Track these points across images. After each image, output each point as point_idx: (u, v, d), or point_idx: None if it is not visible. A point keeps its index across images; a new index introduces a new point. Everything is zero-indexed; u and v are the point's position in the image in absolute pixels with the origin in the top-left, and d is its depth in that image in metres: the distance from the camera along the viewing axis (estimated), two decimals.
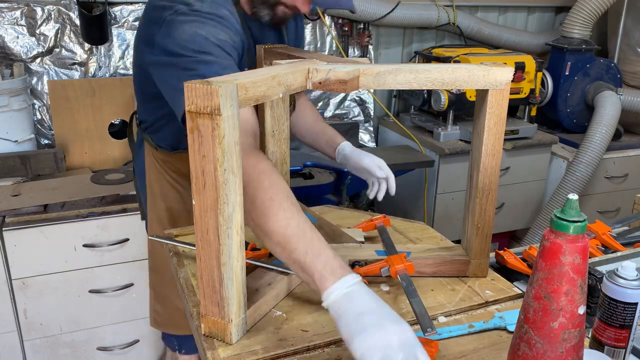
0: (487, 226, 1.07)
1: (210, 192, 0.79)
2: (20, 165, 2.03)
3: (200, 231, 0.83)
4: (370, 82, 0.97)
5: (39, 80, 2.30)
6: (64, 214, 1.86)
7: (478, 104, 1.03)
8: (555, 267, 0.70)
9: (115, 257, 1.96)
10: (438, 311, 1.00)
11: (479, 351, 0.90)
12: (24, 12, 2.20)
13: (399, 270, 1.01)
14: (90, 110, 2.23)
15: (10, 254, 1.81)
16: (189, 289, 1.05)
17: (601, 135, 2.64)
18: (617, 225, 1.40)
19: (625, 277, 0.82)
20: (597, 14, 2.80)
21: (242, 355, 0.87)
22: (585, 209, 2.78)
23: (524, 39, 3.04)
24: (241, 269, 0.86)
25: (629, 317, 0.82)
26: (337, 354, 0.89)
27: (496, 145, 1.02)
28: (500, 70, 0.97)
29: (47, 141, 2.36)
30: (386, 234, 1.20)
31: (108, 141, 2.30)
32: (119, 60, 2.40)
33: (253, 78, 0.82)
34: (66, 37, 2.29)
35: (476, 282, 1.09)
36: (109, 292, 1.97)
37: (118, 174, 2.14)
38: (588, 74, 2.87)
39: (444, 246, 1.18)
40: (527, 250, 1.17)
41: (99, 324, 2.01)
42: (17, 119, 2.07)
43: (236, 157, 0.80)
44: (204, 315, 0.89)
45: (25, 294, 1.87)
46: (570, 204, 0.70)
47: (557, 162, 2.84)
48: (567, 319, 0.71)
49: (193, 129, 0.77)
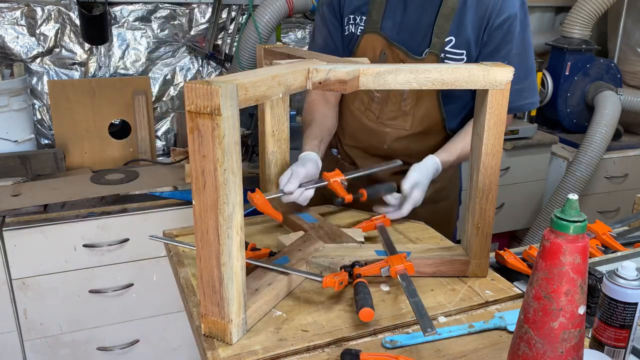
0: (487, 226, 1.07)
1: (210, 192, 0.79)
2: (20, 165, 2.03)
3: (200, 231, 0.83)
4: (370, 82, 0.97)
5: (39, 80, 2.30)
6: (64, 214, 1.86)
7: (478, 104, 1.03)
8: (555, 267, 0.70)
9: (115, 257, 1.96)
10: (438, 311, 1.00)
11: (479, 351, 0.90)
12: (24, 12, 2.20)
13: (399, 270, 1.01)
14: (90, 110, 2.23)
15: (10, 254, 1.81)
16: (189, 289, 1.05)
17: (601, 135, 2.64)
18: (617, 225, 1.40)
19: (625, 277, 0.82)
20: (597, 14, 2.79)
21: (242, 355, 0.87)
22: (585, 209, 2.77)
23: None
24: (241, 269, 0.86)
25: (629, 317, 0.82)
26: (337, 354, 0.89)
27: (496, 145, 1.02)
28: (500, 70, 0.97)
29: (47, 141, 2.36)
30: (386, 234, 1.20)
31: (108, 141, 2.30)
32: (119, 60, 2.40)
33: (253, 78, 0.82)
34: (66, 37, 2.29)
35: (476, 282, 1.09)
36: (109, 292, 1.97)
37: (118, 174, 2.14)
38: (588, 74, 2.87)
39: (444, 246, 1.18)
40: (527, 250, 1.17)
41: (99, 324, 2.01)
42: (17, 119, 2.07)
43: (236, 157, 0.80)
44: (204, 315, 0.89)
45: (25, 294, 1.87)
46: (570, 204, 0.70)
47: (557, 162, 2.85)
48: (567, 319, 0.71)
49: (193, 129, 0.77)
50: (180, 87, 2.53)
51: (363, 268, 1.03)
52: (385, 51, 1.39)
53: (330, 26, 1.47)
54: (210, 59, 2.52)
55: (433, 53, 1.35)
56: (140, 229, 1.94)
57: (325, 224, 1.26)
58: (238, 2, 2.47)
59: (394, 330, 0.96)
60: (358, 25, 1.42)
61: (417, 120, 1.44)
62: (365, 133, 1.51)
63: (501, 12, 1.32)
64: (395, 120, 1.45)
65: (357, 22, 1.42)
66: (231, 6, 2.48)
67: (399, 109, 1.43)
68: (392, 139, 1.47)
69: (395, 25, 1.38)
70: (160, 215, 1.96)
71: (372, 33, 1.40)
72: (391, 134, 1.47)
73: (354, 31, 1.43)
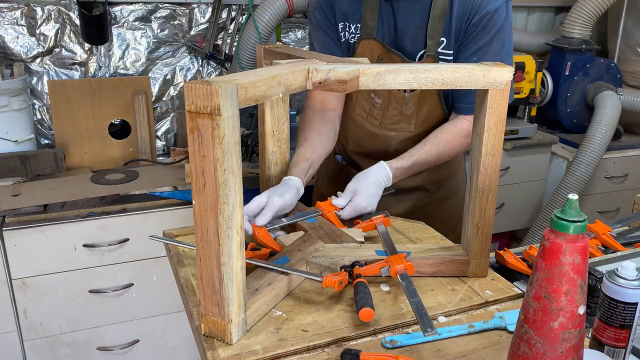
0: (487, 226, 1.07)
1: (210, 192, 0.79)
2: (20, 165, 2.03)
3: (200, 231, 0.83)
4: (370, 82, 0.97)
5: (39, 80, 2.30)
6: (64, 214, 1.86)
7: (478, 104, 1.03)
8: (555, 267, 0.70)
9: (115, 257, 1.96)
10: (438, 311, 1.00)
11: (479, 351, 0.90)
12: (24, 12, 2.20)
13: (399, 270, 1.01)
14: (90, 110, 2.24)
15: (10, 254, 1.81)
16: (189, 289, 1.05)
17: (601, 135, 2.64)
18: (617, 225, 1.40)
19: (625, 277, 0.82)
20: (597, 14, 2.79)
21: (242, 355, 0.87)
22: (585, 209, 2.77)
23: (524, 39, 3.04)
24: (241, 269, 0.86)
25: (629, 317, 0.82)
26: (337, 354, 0.89)
27: (496, 145, 1.02)
28: (500, 70, 0.97)
29: (47, 141, 2.36)
30: (386, 234, 1.20)
31: (108, 141, 2.30)
32: (119, 60, 2.40)
33: (253, 78, 0.82)
34: (66, 37, 2.29)
35: (476, 282, 1.09)
36: (109, 292, 1.97)
37: (118, 174, 2.14)
38: (588, 74, 2.87)
39: (444, 246, 1.18)
40: (527, 250, 1.17)
41: (99, 324, 2.01)
42: (17, 119, 2.07)
43: (236, 157, 0.80)
44: (204, 315, 0.89)
45: (25, 294, 1.87)
46: (570, 204, 0.70)
47: (557, 162, 2.84)
48: (567, 319, 0.71)
49: (193, 129, 0.77)
50: (180, 87, 2.53)
51: (363, 268, 1.03)
52: (383, 57, 1.39)
53: (326, 30, 1.45)
54: (210, 59, 2.52)
55: (430, 55, 1.35)
56: (140, 229, 1.94)
57: (326, 224, 1.25)
58: (238, 2, 2.47)
59: (394, 330, 0.96)
60: (351, 33, 1.42)
61: (420, 121, 1.44)
62: (369, 138, 1.50)
63: (480, 8, 1.31)
64: (399, 124, 1.45)
65: (350, 30, 1.42)
66: (231, 6, 2.48)
67: (401, 114, 1.43)
68: (397, 142, 1.47)
69: (390, 30, 1.38)
70: (160, 215, 1.96)
71: (368, 39, 1.40)
72: (396, 137, 1.46)
73: (348, 38, 1.43)
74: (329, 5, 1.43)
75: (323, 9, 1.43)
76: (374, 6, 1.37)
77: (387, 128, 1.46)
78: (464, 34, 1.33)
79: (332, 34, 1.45)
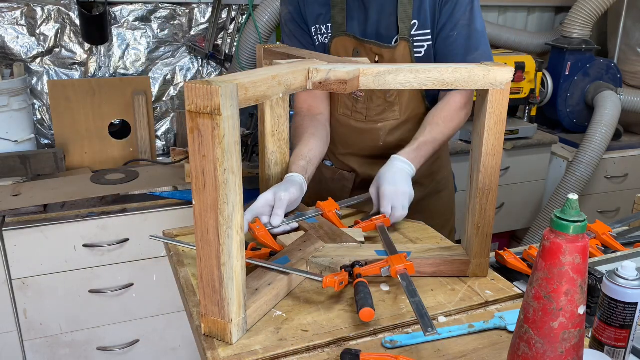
0: (487, 226, 1.07)
1: (210, 192, 0.79)
2: (20, 165, 2.03)
3: (200, 231, 0.83)
4: (370, 82, 0.97)
5: (39, 80, 2.30)
6: (64, 214, 1.86)
7: (478, 104, 1.03)
8: (555, 267, 0.70)
9: (115, 257, 1.96)
10: (438, 311, 1.00)
11: (479, 351, 0.90)
12: (24, 12, 2.20)
13: (399, 270, 1.01)
14: (90, 110, 2.24)
15: (10, 254, 1.81)
16: (189, 289, 1.05)
17: (601, 135, 2.64)
18: (617, 225, 1.40)
19: (625, 277, 0.82)
20: (597, 14, 2.80)
21: (242, 355, 0.87)
22: (585, 209, 2.77)
23: (524, 39, 3.04)
24: (241, 269, 0.86)
25: (629, 317, 0.82)
26: (337, 353, 0.89)
27: (496, 145, 1.02)
28: (500, 70, 0.97)
29: (47, 141, 2.36)
30: (386, 234, 1.20)
31: (108, 141, 2.30)
32: (119, 60, 2.40)
33: (253, 78, 0.82)
34: (66, 37, 2.29)
35: (476, 282, 1.09)
36: (109, 292, 1.97)
37: (118, 174, 2.14)
38: (588, 74, 2.87)
39: (444, 246, 1.18)
40: (527, 250, 1.17)
41: (99, 324, 2.01)
42: (17, 119, 2.07)
43: (236, 157, 0.80)
44: (204, 315, 0.89)
45: (25, 294, 1.87)
46: (570, 204, 0.70)
47: (557, 162, 2.85)
48: (567, 319, 0.71)
49: (193, 129, 0.77)
50: (180, 87, 2.53)
51: (363, 268, 1.03)
52: (358, 49, 1.42)
53: (301, 39, 1.47)
54: (210, 59, 2.52)
55: (403, 39, 1.37)
56: (140, 229, 1.94)
57: (326, 224, 1.25)
58: (238, 2, 2.47)
59: (394, 330, 0.96)
60: (324, 34, 1.45)
61: (404, 107, 1.46)
62: (357, 135, 1.51)
63: None
64: (384, 113, 1.46)
65: (323, 31, 1.44)
66: (231, 6, 2.48)
67: (385, 101, 1.45)
68: (385, 133, 1.48)
69: (361, 23, 1.41)
70: (160, 215, 1.96)
71: (340, 36, 1.42)
72: (384, 128, 1.48)
73: (322, 41, 1.45)
74: (299, 14, 1.46)
75: (295, 19, 1.46)
76: (341, 4, 1.40)
77: (373, 120, 1.48)
78: (439, 14, 1.36)
79: (306, 42, 1.48)
